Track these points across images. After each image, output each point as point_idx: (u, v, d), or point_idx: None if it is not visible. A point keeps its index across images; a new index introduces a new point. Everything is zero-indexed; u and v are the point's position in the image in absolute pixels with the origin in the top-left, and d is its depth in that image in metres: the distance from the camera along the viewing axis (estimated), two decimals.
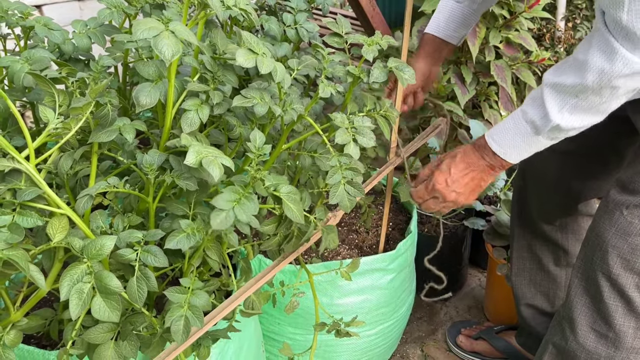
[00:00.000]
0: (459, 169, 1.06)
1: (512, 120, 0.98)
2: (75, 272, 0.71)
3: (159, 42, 0.67)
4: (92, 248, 0.72)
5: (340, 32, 1.00)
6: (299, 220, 0.86)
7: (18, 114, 0.74)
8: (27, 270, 0.67)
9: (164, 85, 0.84)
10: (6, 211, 0.71)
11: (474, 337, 1.62)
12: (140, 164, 0.82)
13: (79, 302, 0.69)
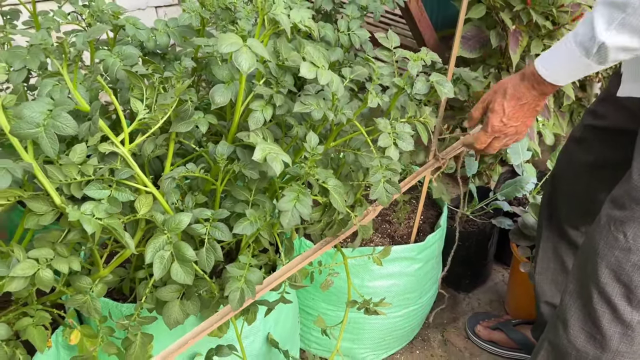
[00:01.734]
0: (511, 105, 1.08)
1: (563, 44, 0.97)
2: (158, 241, 0.86)
3: (239, 57, 0.81)
4: (171, 222, 0.87)
5: (390, 47, 1.12)
6: (342, 210, 1.00)
7: (119, 106, 0.89)
8: (122, 236, 0.83)
9: (235, 87, 0.98)
10: (105, 187, 0.87)
11: (492, 328, 1.73)
12: (212, 153, 0.97)
13: (161, 266, 0.85)
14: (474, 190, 1.86)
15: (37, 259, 0.86)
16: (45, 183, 0.84)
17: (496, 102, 1.10)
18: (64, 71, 0.82)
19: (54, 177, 0.85)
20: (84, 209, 0.82)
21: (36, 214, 0.86)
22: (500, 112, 1.10)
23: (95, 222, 0.81)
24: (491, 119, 1.11)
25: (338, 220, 1.08)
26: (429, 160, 1.37)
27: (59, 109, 0.77)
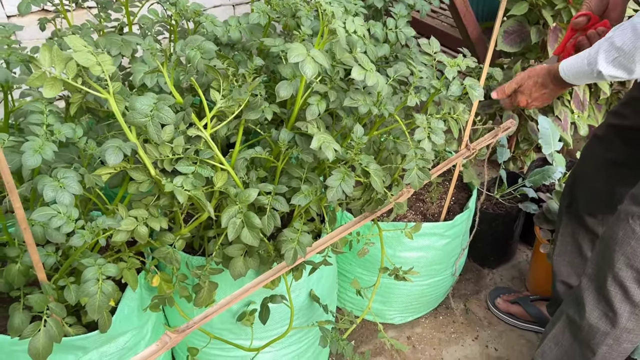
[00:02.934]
0: (538, 90, 1.33)
1: (579, 58, 1.19)
2: (231, 210, 1.08)
3: (304, 66, 1.00)
4: (242, 195, 1.09)
5: (431, 52, 1.28)
6: (380, 191, 1.19)
7: (204, 99, 1.10)
8: (205, 205, 1.05)
9: (296, 83, 1.17)
10: (191, 163, 1.09)
11: (511, 302, 1.91)
12: (275, 138, 1.17)
13: (233, 230, 1.07)
14: (503, 176, 2.01)
15: (136, 217, 1.09)
16: (145, 158, 1.06)
17: (526, 85, 1.35)
18: (164, 71, 1.03)
19: (151, 154, 1.07)
20: (176, 181, 1.04)
21: (136, 182, 1.09)
22: (527, 95, 1.35)
23: (185, 193, 1.03)
24: (519, 97, 1.37)
25: (376, 198, 1.27)
26: (461, 149, 1.54)
27: (161, 103, 0.98)
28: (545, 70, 1.31)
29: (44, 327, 1.03)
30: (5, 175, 0.87)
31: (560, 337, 1.43)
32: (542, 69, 1.32)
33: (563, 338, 1.42)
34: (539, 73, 1.32)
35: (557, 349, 1.43)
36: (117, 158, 0.99)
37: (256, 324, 1.40)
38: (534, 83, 1.33)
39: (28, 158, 0.96)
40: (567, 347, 1.41)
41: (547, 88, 1.32)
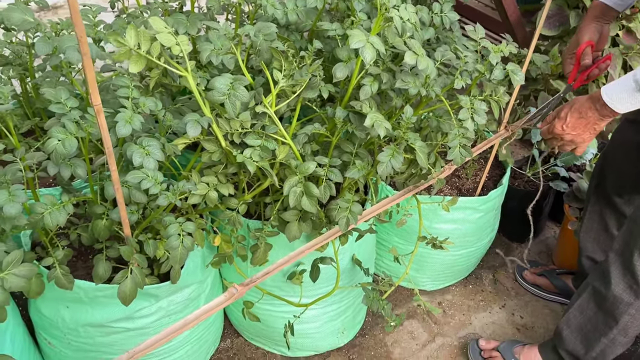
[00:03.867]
0: (574, 117, 1.32)
1: (624, 78, 1.20)
2: (292, 180, 1.21)
3: (364, 52, 1.11)
4: (302, 167, 1.21)
5: (476, 38, 1.38)
6: (425, 166, 1.31)
7: (271, 79, 1.22)
8: (271, 173, 1.18)
9: (351, 65, 1.28)
10: (258, 137, 1.21)
11: (538, 274, 2.02)
12: (330, 115, 1.29)
13: (294, 198, 1.20)
14: (536, 155, 2.10)
15: (207, 184, 1.23)
16: (217, 132, 1.19)
17: (563, 111, 1.36)
18: (237, 53, 1.15)
19: (223, 128, 1.20)
20: (245, 153, 1.17)
21: (208, 152, 1.23)
22: (563, 120, 1.35)
23: (254, 164, 1.16)
24: (556, 123, 1.37)
25: (420, 173, 1.39)
26: (500, 130, 1.63)
27: (237, 83, 1.11)
28: (585, 97, 1.32)
29: (130, 275, 1.19)
30: (106, 140, 1.01)
31: (585, 306, 1.54)
32: (583, 97, 1.33)
33: (588, 307, 1.54)
34: (579, 99, 1.34)
35: (582, 317, 1.55)
36: (196, 131, 1.13)
37: (303, 283, 1.55)
38: (571, 107, 1.34)
39: (120, 128, 1.10)
40: (591, 316, 1.53)
41: (584, 114, 1.31)
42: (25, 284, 1.01)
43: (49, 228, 1.19)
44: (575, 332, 1.56)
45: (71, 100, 1.16)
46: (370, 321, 1.89)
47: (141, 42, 1.04)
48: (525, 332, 1.90)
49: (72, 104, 1.16)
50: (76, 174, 1.17)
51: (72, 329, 1.37)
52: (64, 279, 1.23)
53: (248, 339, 1.79)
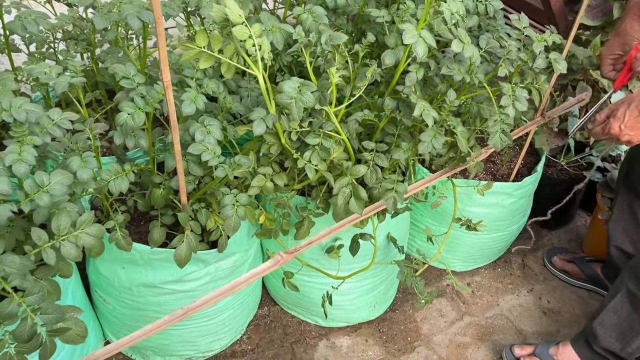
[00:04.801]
0: (633, 115, 1.26)
1: None
2: (343, 181, 1.29)
3: (417, 47, 1.17)
4: (353, 170, 1.29)
5: (520, 27, 1.42)
6: (465, 150, 1.36)
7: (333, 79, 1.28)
8: (330, 179, 1.25)
9: (399, 52, 1.33)
10: (317, 136, 1.28)
11: (567, 260, 2.06)
12: (379, 104, 1.35)
13: (342, 198, 1.28)
14: (571, 144, 2.12)
15: (264, 174, 1.31)
16: (279, 129, 1.26)
17: (620, 109, 1.30)
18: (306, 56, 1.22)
19: (284, 125, 1.26)
20: (305, 156, 1.24)
21: (267, 144, 1.30)
22: (621, 119, 1.29)
23: (313, 170, 1.24)
24: (612, 123, 1.31)
25: (459, 157, 1.45)
26: (537, 117, 1.67)
27: (305, 88, 1.17)
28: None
29: (186, 240, 1.28)
30: (172, 115, 1.10)
31: (619, 307, 1.56)
32: (638, 94, 1.28)
33: (622, 309, 1.56)
34: (636, 96, 1.28)
35: (616, 317, 1.57)
36: (262, 129, 1.19)
37: (339, 258, 1.63)
38: (629, 105, 1.28)
39: (186, 106, 1.18)
40: (625, 317, 1.55)
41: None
42: (95, 243, 1.10)
43: (112, 194, 1.29)
44: (610, 331, 1.58)
45: (138, 76, 1.25)
46: (400, 297, 1.97)
47: (213, 44, 1.12)
48: (552, 316, 1.95)
49: (139, 79, 1.24)
50: (139, 145, 1.26)
51: (126, 288, 1.48)
52: (124, 241, 1.33)
53: (284, 307, 1.89)
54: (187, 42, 1.09)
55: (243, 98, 1.41)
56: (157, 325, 1.14)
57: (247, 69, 1.17)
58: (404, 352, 1.79)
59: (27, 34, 1.55)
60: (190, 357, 1.69)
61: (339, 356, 1.76)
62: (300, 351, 1.76)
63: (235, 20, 1.09)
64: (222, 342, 1.73)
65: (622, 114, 1.28)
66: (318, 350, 1.77)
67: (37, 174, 1.02)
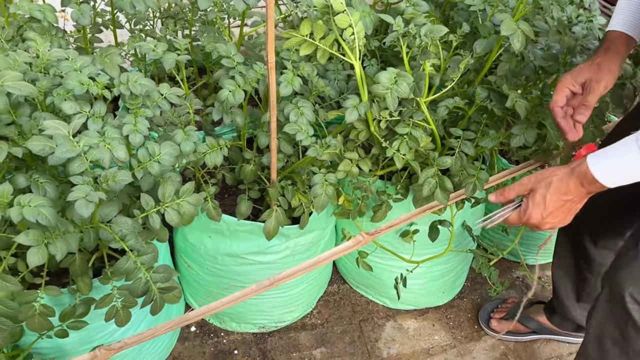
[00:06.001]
0: (554, 200, 1.00)
1: (623, 146, 0.91)
2: (429, 172, 1.31)
3: (514, 39, 1.17)
4: (440, 161, 1.31)
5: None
6: (554, 142, 1.35)
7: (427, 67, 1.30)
8: (417, 169, 1.28)
9: (492, 42, 1.33)
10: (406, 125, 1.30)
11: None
12: (470, 93, 1.36)
13: (428, 189, 1.31)
14: None
15: (350, 159, 1.35)
16: (370, 117, 1.29)
17: (538, 192, 1.02)
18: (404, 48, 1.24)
19: (374, 113, 1.29)
20: (394, 145, 1.27)
21: (356, 130, 1.34)
22: (542, 205, 1.01)
23: (401, 159, 1.28)
24: (531, 211, 1.04)
25: (546, 149, 1.44)
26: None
27: (401, 79, 1.19)
28: (563, 170, 1.00)
29: (274, 214, 1.35)
30: (272, 94, 1.15)
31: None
32: (558, 169, 1.01)
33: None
34: (553, 173, 1.01)
35: None
36: (354, 117, 1.23)
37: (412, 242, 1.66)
38: (547, 187, 1.01)
39: (283, 87, 1.24)
40: None
41: (569, 194, 0.99)
42: (195, 212, 1.19)
43: (205, 167, 1.37)
44: None
45: (238, 55, 1.31)
46: (468, 286, 1.98)
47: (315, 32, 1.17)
48: None
49: (238, 59, 1.30)
50: (235, 121, 1.33)
51: (211, 256, 1.57)
52: (214, 212, 1.41)
53: (353, 286, 1.95)
54: (291, 30, 1.14)
55: (330, 81, 1.45)
56: (245, 292, 1.21)
57: (343, 56, 1.21)
58: (470, 339, 1.81)
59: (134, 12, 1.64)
60: (264, 326, 1.78)
61: (405, 338, 1.80)
62: (368, 329, 1.82)
63: (338, 8, 1.13)
64: (294, 314, 1.80)
65: (542, 199, 1.02)
66: (385, 330, 1.82)
67: (149, 144, 1.10)
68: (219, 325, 1.79)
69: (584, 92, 1.13)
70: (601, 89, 1.10)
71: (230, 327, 1.78)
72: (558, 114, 1.15)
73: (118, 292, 1.13)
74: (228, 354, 1.72)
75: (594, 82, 1.11)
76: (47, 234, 0.93)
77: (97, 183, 0.96)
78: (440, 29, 1.20)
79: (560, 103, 1.14)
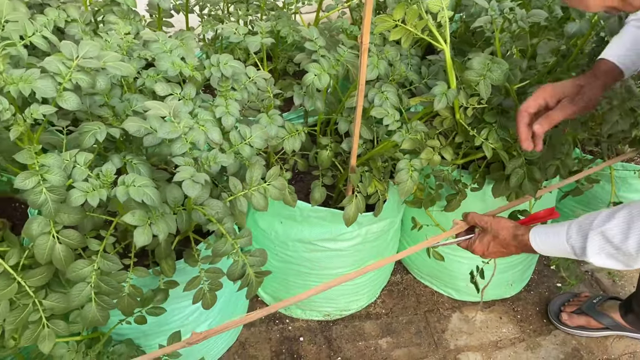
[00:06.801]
0: (495, 247, 1.19)
1: (557, 236, 1.05)
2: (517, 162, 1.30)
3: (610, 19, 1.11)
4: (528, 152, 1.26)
5: None
6: None
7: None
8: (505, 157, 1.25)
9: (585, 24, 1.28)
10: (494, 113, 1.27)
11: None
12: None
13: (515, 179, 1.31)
14: None
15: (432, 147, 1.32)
16: (456, 103, 1.26)
17: (486, 237, 1.20)
18: (497, 36, 1.20)
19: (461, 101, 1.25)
20: (482, 134, 1.25)
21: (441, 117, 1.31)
22: (485, 247, 1.21)
23: (490, 149, 1.25)
24: (476, 246, 1.22)
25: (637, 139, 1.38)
26: None
27: (495, 66, 1.16)
28: (511, 233, 1.15)
29: (354, 200, 1.33)
30: (362, 78, 1.13)
31: None
32: (509, 228, 1.16)
33: None
34: (505, 231, 1.17)
35: None
36: (442, 104, 1.20)
37: None
38: (494, 238, 1.19)
39: (369, 71, 1.22)
40: None
41: (506, 250, 1.18)
42: (280, 196, 1.17)
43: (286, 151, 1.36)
44: None
45: (320, 39, 1.29)
46: (536, 279, 1.93)
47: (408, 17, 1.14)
48: None
49: (320, 42, 1.28)
50: (316, 106, 1.31)
51: (282, 242, 1.56)
52: (290, 197, 1.40)
53: (417, 277, 1.92)
54: (385, 15, 1.11)
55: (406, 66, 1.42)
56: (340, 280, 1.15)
57: (432, 41, 1.18)
58: (539, 333, 1.76)
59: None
60: (329, 314, 1.77)
61: (472, 329, 1.77)
62: (433, 320, 1.79)
63: None
64: (359, 302, 1.79)
65: (487, 243, 1.20)
66: (451, 321, 1.79)
67: (240, 126, 1.10)
68: (284, 312, 1.79)
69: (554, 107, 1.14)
70: (571, 111, 1.12)
71: (295, 314, 1.78)
72: (523, 118, 1.15)
73: (205, 274, 1.13)
74: (294, 340, 1.72)
75: (568, 102, 1.12)
76: (149, 215, 0.93)
77: (198, 164, 0.96)
78: (540, 14, 1.16)
79: (531, 109, 1.15)
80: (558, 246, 1.05)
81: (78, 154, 0.94)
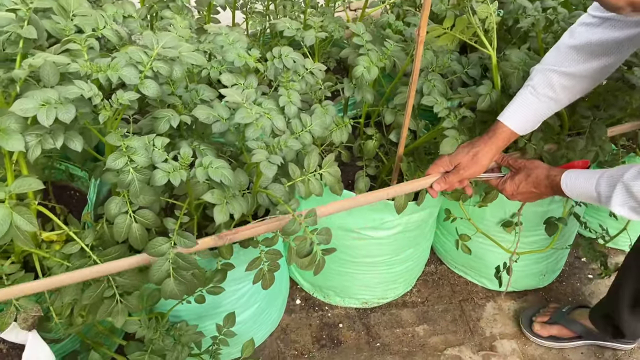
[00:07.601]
0: (526, 187, 1.22)
1: (587, 181, 1.10)
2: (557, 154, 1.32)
3: None
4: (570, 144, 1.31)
5: None
6: None
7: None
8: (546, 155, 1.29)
9: None
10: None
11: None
12: None
13: None
14: None
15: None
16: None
17: (518, 176, 1.24)
18: (539, 33, 1.25)
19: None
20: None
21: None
22: (515, 185, 1.25)
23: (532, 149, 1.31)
24: (508, 185, 1.26)
25: None
26: None
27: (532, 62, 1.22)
28: (545, 172, 1.20)
29: None
30: (417, 69, 1.19)
31: None
32: (544, 169, 1.21)
33: None
34: (538, 169, 1.21)
35: None
36: (486, 104, 1.27)
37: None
38: (527, 176, 1.22)
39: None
40: None
41: (538, 189, 1.22)
42: (334, 182, 1.23)
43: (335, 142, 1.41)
44: None
45: (367, 34, 1.35)
46: (567, 270, 1.98)
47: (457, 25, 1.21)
48: None
49: (367, 37, 1.34)
50: (366, 98, 1.37)
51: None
52: (337, 186, 1.46)
53: (451, 267, 1.97)
54: (436, 26, 1.18)
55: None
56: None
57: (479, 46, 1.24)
58: None
59: None
60: (367, 301, 1.83)
61: (506, 318, 1.81)
62: (469, 309, 1.84)
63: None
64: (396, 291, 1.84)
65: (519, 182, 1.24)
66: (486, 310, 1.84)
67: (302, 115, 1.16)
68: (323, 300, 1.85)
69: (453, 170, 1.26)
70: (464, 176, 1.24)
71: (334, 302, 1.84)
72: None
73: (265, 256, 1.19)
74: (333, 326, 1.77)
75: (462, 168, 1.24)
76: (225, 195, 1.00)
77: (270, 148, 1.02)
78: (581, 14, 1.21)
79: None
80: (586, 191, 1.11)
81: (155, 138, 1.01)
